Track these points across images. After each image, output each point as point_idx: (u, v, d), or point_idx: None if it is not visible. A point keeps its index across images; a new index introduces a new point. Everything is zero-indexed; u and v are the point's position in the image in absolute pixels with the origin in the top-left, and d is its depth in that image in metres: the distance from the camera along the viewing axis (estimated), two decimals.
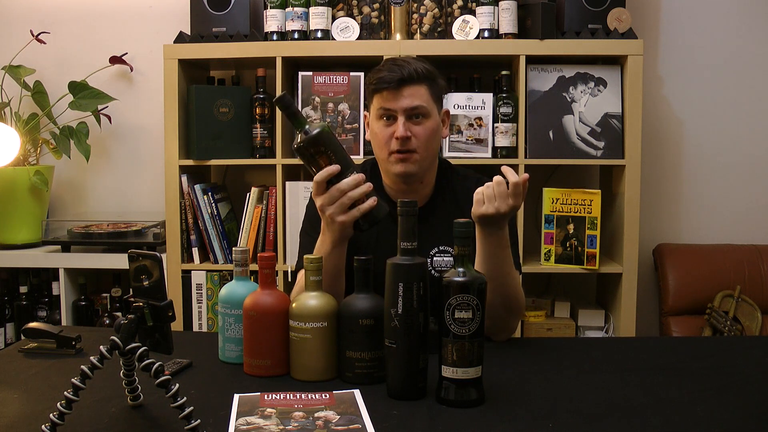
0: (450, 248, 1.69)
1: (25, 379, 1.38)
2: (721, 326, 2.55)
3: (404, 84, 1.59)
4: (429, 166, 1.68)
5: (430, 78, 1.63)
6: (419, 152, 1.62)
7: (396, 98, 1.60)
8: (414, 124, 1.61)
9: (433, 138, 1.65)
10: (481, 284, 1.23)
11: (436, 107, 1.65)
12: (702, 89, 2.87)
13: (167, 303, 1.16)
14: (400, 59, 1.64)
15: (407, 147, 1.61)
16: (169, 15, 2.91)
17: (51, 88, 2.87)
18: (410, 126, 1.61)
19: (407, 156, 1.62)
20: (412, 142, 1.61)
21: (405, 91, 1.60)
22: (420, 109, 1.61)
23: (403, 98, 1.60)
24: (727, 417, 1.18)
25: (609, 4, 2.51)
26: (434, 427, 1.15)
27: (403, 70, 1.59)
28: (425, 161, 1.65)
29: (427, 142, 1.62)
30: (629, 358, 1.51)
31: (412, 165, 1.63)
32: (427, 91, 1.62)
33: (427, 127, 1.62)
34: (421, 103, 1.61)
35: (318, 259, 1.38)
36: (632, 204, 2.51)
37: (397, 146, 1.61)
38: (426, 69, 1.62)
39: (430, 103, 1.63)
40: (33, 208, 2.78)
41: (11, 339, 2.77)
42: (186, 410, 1.07)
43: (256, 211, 2.59)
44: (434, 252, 1.68)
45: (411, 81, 1.60)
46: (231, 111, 2.60)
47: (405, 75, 1.59)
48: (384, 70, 1.61)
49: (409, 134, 1.60)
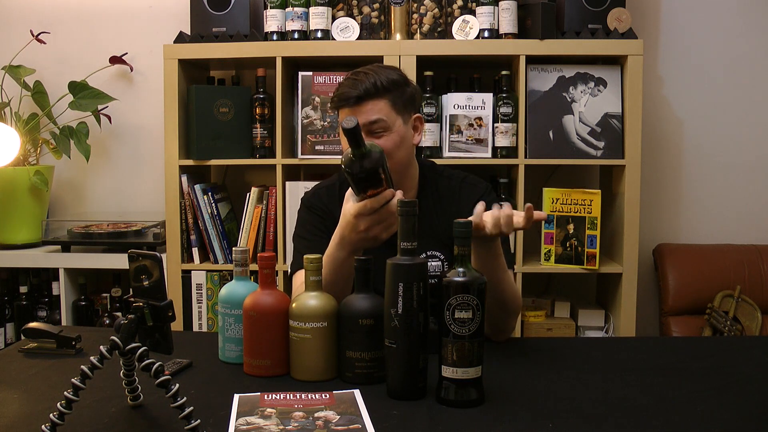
0: (438, 252, 1.69)
1: (25, 379, 1.38)
2: (721, 326, 2.55)
3: (362, 100, 1.60)
4: (397, 175, 1.65)
5: (393, 89, 1.62)
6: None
7: (354, 114, 1.60)
8: (375, 138, 1.61)
9: (397, 149, 1.63)
10: (481, 284, 1.23)
11: (400, 117, 1.64)
12: (702, 89, 2.87)
13: (167, 303, 1.16)
14: (364, 71, 1.63)
15: None
16: (169, 15, 2.91)
17: (51, 88, 2.87)
18: (371, 140, 1.60)
19: None
20: None
21: (364, 107, 1.60)
22: (379, 123, 1.61)
23: (361, 114, 1.60)
24: (727, 417, 1.18)
25: (609, 4, 2.51)
26: (434, 427, 1.15)
27: (361, 85, 1.59)
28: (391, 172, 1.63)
29: (390, 153, 1.61)
30: (629, 358, 1.51)
31: None
32: (388, 104, 1.61)
33: (389, 140, 1.62)
34: (379, 116, 1.60)
35: (318, 259, 1.38)
36: (632, 204, 2.51)
37: None
38: (388, 80, 1.61)
39: (392, 115, 1.62)
40: (33, 208, 2.78)
41: (11, 339, 2.77)
42: (186, 410, 1.07)
43: (256, 211, 2.59)
44: (423, 256, 1.67)
45: (369, 96, 1.60)
46: (231, 111, 2.60)
47: (362, 91, 1.59)
48: (345, 86, 1.62)
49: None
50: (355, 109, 1.60)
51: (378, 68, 1.65)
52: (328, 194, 1.76)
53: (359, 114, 1.60)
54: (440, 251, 1.69)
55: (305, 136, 2.55)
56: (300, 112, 2.55)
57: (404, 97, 1.65)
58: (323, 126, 2.54)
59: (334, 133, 2.54)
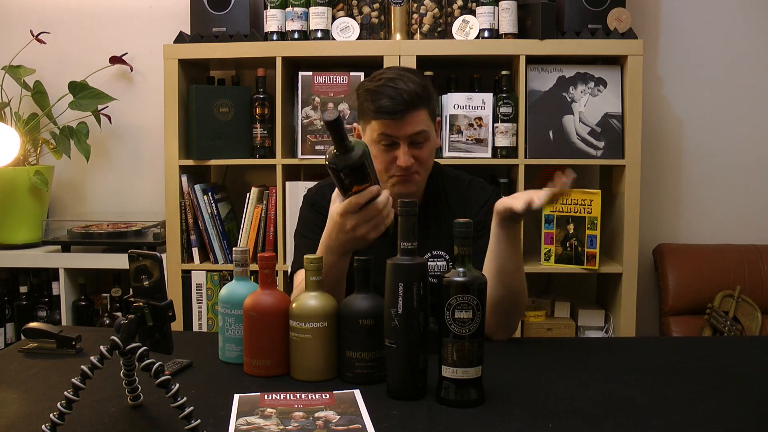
0: (443, 253, 1.69)
1: (25, 379, 1.38)
2: (721, 326, 2.55)
3: (407, 111, 1.54)
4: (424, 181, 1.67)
5: (428, 98, 1.60)
6: (420, 173, 1.62)
7: (398, 126, 1.55)
8: (415, 149, 1.59)
9: (432, 157, 1.65)
10: (481, 284, 1.23)
11: (433, 125, 1.63)
12: (702, 89, 2.87)
13: (167, 303, 1.16)
14: (398, 79, 1.57)
15: (410, 172, 1.60)
16: (169, 15, 2.91)
17: (51, 88, 2.87)
18: (413, 151, 1.58)
19: (409, 177, 1.61)
20: (414, 166, 1.59)
21: (408, 119, 1.55)
22: (423, 134, 1.58)
23: (406, 125, 1.55)
24: (727, 417, 1.18)
25: (609, 4, 2.51)
26: (434, 427, 1.15)
27: (405, 95, 1.54)
28: (424, 180, 1.66)
29: (427, 163, 1.63)
30: (629, 358, 1.51)
31: (413, 185, 1.63)
32: (427, 113, 1.59)
33: (429, 149, 1.61)
34: (423, 128, 1.58)
35: (318, 259, 1.38)
36: (632, 204, 2.51)
37: (399, 172, 1.59)
38: (423, 89, 1.57)
39: (430, 124, 1.60)
40: (33, 208, 2.78)
41: (11, 339, 2.77)
42: (186, 410, 1.07)
43: (256, 211, 2.59)
44: (427, 257, 1.68)
45: (414, 106, 1.55)
46: (231, 111, 2.60)
47: (408, 102, 1.53)
48: (384, 95, 1.54)
49: (411, 161, 1.58)
50: (400, 121, 1.55)
51: (407, 74, 1.59)
52: (332, 192, 1.74)
53: (402, 126, 1.55)
54: (445, 251, 1.69)
55: (305, 136, 2.55)
56: (300, 112, 2.55)
57: (434, 104, 1.64)
58: (323, 126, 2.54)
59: None
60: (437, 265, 1.68)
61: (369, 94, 1.58)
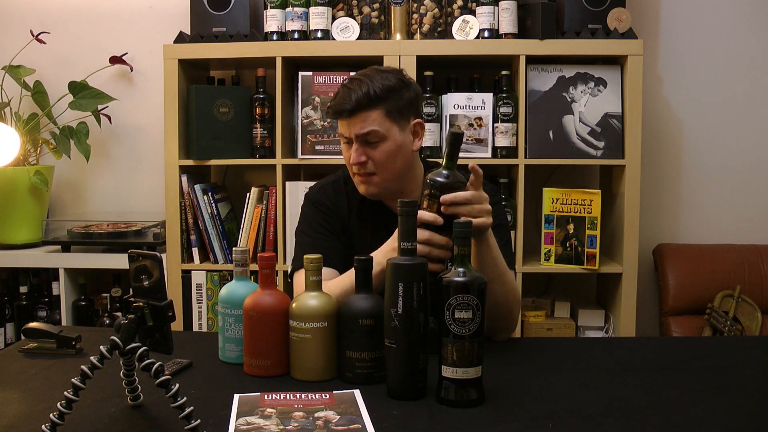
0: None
1: (25, 379, 1.38)
2: (721, 326, 2.55)
3: (354, 112, 1.59)
4: (396, 183, 1.67)
5: (387, 97, 1.59)
6: (379, 174, 1.63)
7: (349, 125, 1.61)
8: (370, 148, 1.61)
9: (393, 158, 1.62)
10: (481, 284, 1.23)
11: (396, 125, 1.62)
12: (702, 89, 2.87)
13: (167, 303, 1.16)
14: (359, 78, 1.61)
15: (364, 171, 1.63)
16: (169, 15, 2.91)
17: (51, 88, 2.87)
18: (366, 150, 1.61)
19: (367, 179, 1.64)
20: (368, 165, 1.62)
21: (357, 118, 1.59)
22: (372, 134, 1.60)
23: (354, 125, 1.60)
24: (727, 417, 1.18)
25: (609, 4, 2.51)
26: (434, 427, 1.15)
27: (354, 95, 1.57)
28: (387, 181, 1.65)
29: (385, 163, 1.62)
30: (629, 358, 1.51)
31: (372, 187, 1.65)
32: (382, 113, 1.59)
33: (383, 150, 1.61)
34: (372, 128, 1.59)
35: (318, 259, 1.38)
36: (632, 204, 2.51)
37: (355, 170, 1.64)
38: (383, 87, 1.58)
39: (386, 124, 1.60)
40: (33, 208, 2.78)
41: (11, 339, 2.77)
42: (186, 410, 1.07)
43: (256, 211, 2.59)
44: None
45: (361, 108, 1.58)
46: (231, 111, 2.60)
47: (354, 103, 1.57)
48: (339, 96, 1.61)
49: (363, 159, 1.61)
50: (349, 120, 1.60)
51: (375, 73, 1.62)
52: (335, 190, 1.76)
53: (353, 126, 1.60)
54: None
55: (305, 136, 2.55)
56: (300, 112, 2.55)
57: (401, 103, 1.62)
58: (323, 126, 2.54)
59: (334, 133, 2.54)
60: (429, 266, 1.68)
61: (333, 95, 1.66)
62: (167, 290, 1.22)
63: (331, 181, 1.79)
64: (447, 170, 1.42)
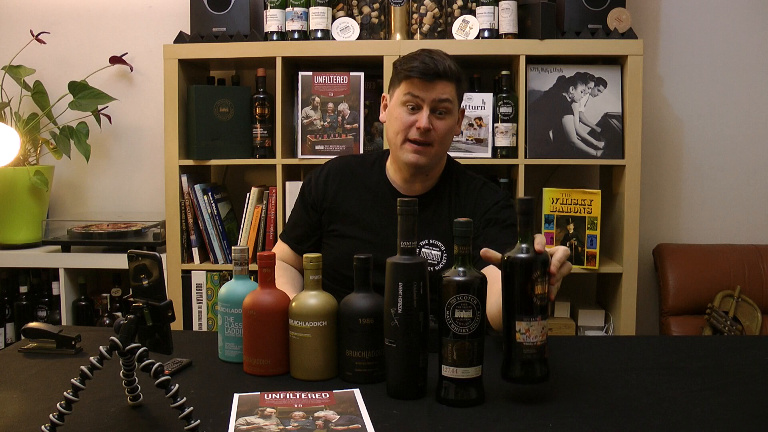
0: (439, 243, 1.72)
1: (25, 379, 1.38)
2: (721, 326, 2.55)
3: (437, 78, 1.63)
4: (439, 161, 1.73)
5: (459, 78, 1.68)
6: (435, 146, 1.67)
7: (426, 88, 1.63)
8: (437, 118, 1.66)
9: (450, 135, 1.70)
10: (481, 284, 1.23)
11: (457, 106, 1.70)
12: (702, 89, 2.87)
13: (167, 303, 1.16)
14: (435, 51, 1.68)
15: (426, 139, 1.65)
16: (169, 15, 2.91)
17: (51, 88, 2.87)
18: (433, 119, 1.65)
19: (423, 149, 1.66)
20: (431, 134, 1.65)
21: (437, 84, 1.64)
22: (447, 104, 1.66)
23: (433, 90, 1.63)
24: (727, 417, 1.18)
25: (609, 4, 2.51)
26: (434, 427, 1.15)
27: (439, 64, 1.63)
28: (437, 156, 1.69)
29: (444, 137, 1.68)
30: (629, 357, 1.51)
31: (425, 158, 1.67)
32: (454, 89, 1.67)
33: (448, 123, 1.67)
34: (449, 97, 1.65)
35: (318, 258, 1.38)
36: (632, 204, 2.51)
37: (416, 135, 1.65)
38: (457, 68, 1.67)
39: (455, 100, 1.68)
40: (33, 208, 2.78)
41: (11, 339, 2.76)
42: (186, 410, 1.07)
43: (256, 211, 2.59)
44: (423, 243, 1.72)
45: (444, 77, 1.64)
46: (231, 111, 2.59)
47: (440, 69, 1.62)
48: (419, 60, 1.64)
49: (430, 126, 1.64)
50: (428, 84, 1.63)
51: (445, 54, 1.69)
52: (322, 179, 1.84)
53: (430, 89, 1.64)
54: (441, 242, 1.72)
55: (305, 136, 2.55)
56: (300, 112, 2.55)
57: (462, 88, 1.71)
58: (323, 126, 2.54)
59: (334, 133, 2.54)
60: (431, 253, 1.71)
61: (406, 59, 1.68)
62: (167, 290, 1.22)
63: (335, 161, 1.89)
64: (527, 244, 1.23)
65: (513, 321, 1.22)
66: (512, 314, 1.23)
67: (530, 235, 1.22)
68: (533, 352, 1.22)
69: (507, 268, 1.23)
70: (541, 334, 1.22)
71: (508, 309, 1.23)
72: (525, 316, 1.21)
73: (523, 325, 1.21)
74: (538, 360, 1.22)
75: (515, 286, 1.22)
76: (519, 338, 1.22)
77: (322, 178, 1.83)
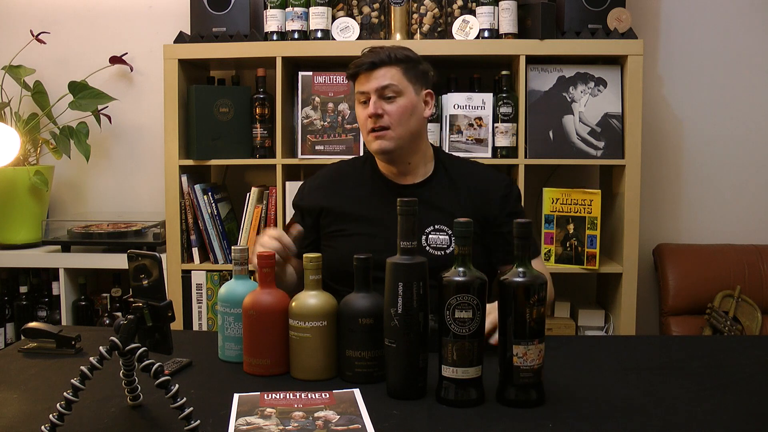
0: (446, 227, 1.73)
1: (25, 379, 1.38)
2: (721, 326, 2.55)
3: (375, 67, 1.69)
4: (407, 143, 1.74)
5: (405, 61, 1.72)
6: (393, 129, 1.70)
7: (368, 80, 1.70)
8: (386, 103, 1.70)
9: (408, 115, 1.72)
10: (481, 284, 1.23)
11: (411, 86, 1.73)
12: (702, 89, 2.87)
13: (167, 303, 1.16)
14: (378, 46, 1.74)
15: (380, 124, 1.70)
16: (169, 15, 2.91)
17: (51, 88, 2.87)
18: (382, 104, 1.69)
19: (381, 134, 1.71)
20: (384, 119, 1.69)
21: (377, 73, 1.69)
22: (391, 87, 1.70)
23: (374, 79, 1.69)
24: (727, 416, 1.18)
25: (609, 4, 2.51)
26: (434, 427, 1.15)
27: (376, 55, 1.70)
28: (401, 139, 1.72)
29: (400, 118, 1.70)
30: (629, 357, 1.51)
31: (387, 142, 1.71)
32: (400, 72, 1.71)
33: (399, 105, 1.70)
34: (391, 82, 1.70)
35: (318, 258, 1.38)
36: (632, 204, 2.51)
37: (371, 124, 1.70)
38: (402, 53, 1.72)
39: (403, 82, 1.71)
40: (33, 208, 2.78)
41: (11, 339, 2.76)
42: (186, 411, 1.07)
43: (256, 211, 2.59)
44: (430, 230, 1.73)
45: (382, 64, 1.69)
46: (231, 111, 2.59)
47: (376, 59, 1.69)
48: (360, 57, 1.72)
49: (380, 111, 1.69)
50: (368, 74, 1.69)
51: (393, 46, 1.75)
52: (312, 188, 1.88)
53: (372, 80, 1.69)
54: (448, 226, 1.73)
55: (305, 136, 2.55)
56: (300, 112, 2.55)
57: (417, 70, 1.74)
58: (323, 126, 2.54)
59: (334, 132, 2.54)
60: (439, 238, 1.72)
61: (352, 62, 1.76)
62: (167, 290, 1.22)
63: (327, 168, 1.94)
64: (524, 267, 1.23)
65: (510, 344, 1.22)
66: (509, 337, 1.23)
67: (527, 259, 1.23)
68: (530, 376, 1.22)
69: (504, 292, 1.23)
70: (538, 358, 1.23)
71: (504, 332, 1.24)
72: (522, 340, 1.22)
73: (521, 349, 1.22)
74: (535, 384, 1.23)
75: (512, 309, 1.22)
76: (516, 362, 1.22)
77: (315, 184, 1.89)
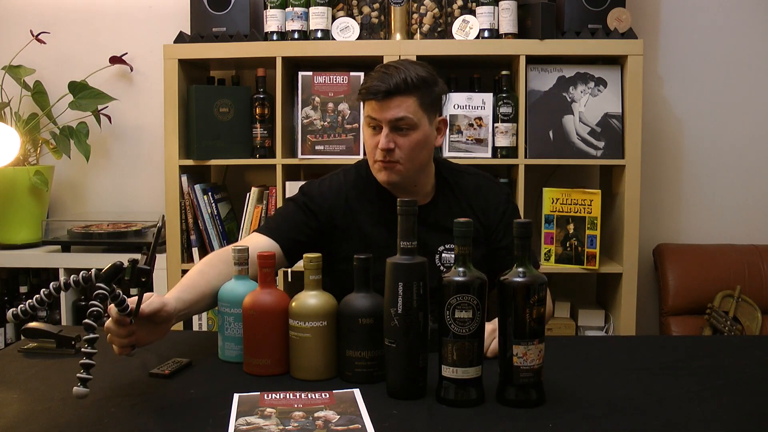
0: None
1: (24, 379, 1.38)
2: (721, 326, 2.55)
3: (391, 95, 1.56)
4: (415, 174, 1.66)
5: (422, 87, 1.59)
6: (402, 163, 1.61)
7: (382, 109, 1.57)
8: (399, 136, 1.59)
9: (420, 149, 1.61)
10: (481, 284, 1.23)
11: (426, 117, 1.61)
12: (702, 89, 2.87)
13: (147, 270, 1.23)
14: (394, 65, 1.61)
15: (390, 158, 1.60)
16: (169, 15, 2.91)
17: (51, 88, 2.87)
18: (395, 137, 1.59)
19: (390, 165, 1.61)
20: (395, 153, 1.59)
21: (392, 102, 1.57)
22: (405, 120, 1.58)
23: (389, 109, 1.57)
24: (727, 416, 1.18)
25: (609, 4, 2.51)
26: (434, 427, 1.15)
27: (392, 80, 1.56)
28: (409, 171, 1.63)
29: (411, 153, 1.60)
30: (629, 357, 1.51)
31: (394, 175, 1.62)
32: (416, 102, 1.58)
33: (412, 139, 1.59)
34: (406, 114, 1.57)
35: (318, 258, 1.38)
36: (632, 204, 2.51)
37: (380, 156, 1.60)
38: (419, 77, 1.58)
39: (419, 113, 1.59)
40: (33, 208, 2.78)
41: (11, 339, 2.76)
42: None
43: (256, 211, 2.59)
44: (442, 249, 1.69)
45: (398, 92, 1.56)
46: (231, 111, 2.60)
47: (392, 86, 1.55)
48: (374, 78, 1.58)
49: (392, 146, 1.58)
50: (382, 103, 1.57)
51: (409, 64, 1.62)
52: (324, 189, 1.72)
53: (385, 109, 1.57)
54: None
55: (305, 136, 2.55)
56: (300, 112, 2.55)
57: (432, 96, 1.62)
58: (323, 126, 2.54)
59: (334, 133, 2.54)
60: (452, 257, 1.68)
61: (365, 78, 1.66)
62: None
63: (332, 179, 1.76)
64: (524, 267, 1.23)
65: (510, 344, 1.22)
66: (509, 338, 1.23)
67: (527, 259, 1.23)
68: (530, 376, 1.22)
69: (504, 292, 1.23)
70: (538, 358, 1.23)
71: (504, 332, 1.24)
72: (522, 340, 1.22)
73: (521, 349, 1.22)
74: (535, 384, 1.23)
75: (512, 309, 1.22)
76: (516, 362, 1.22)
77: (334, 190, 1.72)
